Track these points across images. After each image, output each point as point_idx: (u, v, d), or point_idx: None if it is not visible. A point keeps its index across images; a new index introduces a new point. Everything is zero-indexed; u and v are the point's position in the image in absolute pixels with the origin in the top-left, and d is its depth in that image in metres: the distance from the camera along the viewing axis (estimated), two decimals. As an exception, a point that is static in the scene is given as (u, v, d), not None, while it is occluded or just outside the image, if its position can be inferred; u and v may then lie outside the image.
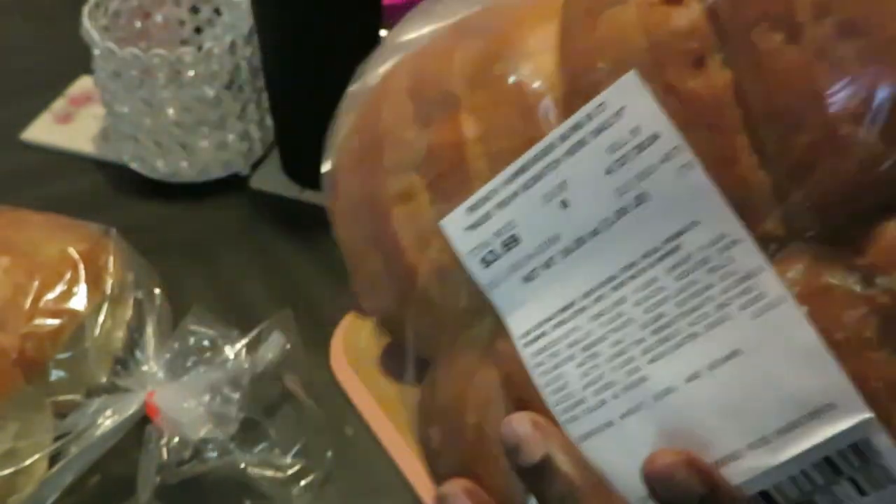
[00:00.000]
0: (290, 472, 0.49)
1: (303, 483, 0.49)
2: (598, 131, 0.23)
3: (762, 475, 0.22)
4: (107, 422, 0.47)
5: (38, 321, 0.48)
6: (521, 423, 0.24)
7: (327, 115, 0.70)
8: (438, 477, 0.28)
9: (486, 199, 0.25)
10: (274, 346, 0.51)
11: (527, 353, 0.24)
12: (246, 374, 0.50)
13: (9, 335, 0.47)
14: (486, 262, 0.25)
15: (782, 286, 0.21)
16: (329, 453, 0.50)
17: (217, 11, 0.69)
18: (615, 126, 0.22)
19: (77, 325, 0.49)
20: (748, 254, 0.21)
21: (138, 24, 0.68)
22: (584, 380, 0.23)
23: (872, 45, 0.20)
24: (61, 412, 0.48)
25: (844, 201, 0.21)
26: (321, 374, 0.55)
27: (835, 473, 0.21)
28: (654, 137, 0.22)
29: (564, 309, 0.24)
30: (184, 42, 0.70)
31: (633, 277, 0.23)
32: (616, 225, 0.23)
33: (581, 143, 0.23)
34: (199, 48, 0.60)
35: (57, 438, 0.47)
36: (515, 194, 0.24)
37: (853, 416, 0.20)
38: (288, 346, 0.51)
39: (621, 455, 0.23)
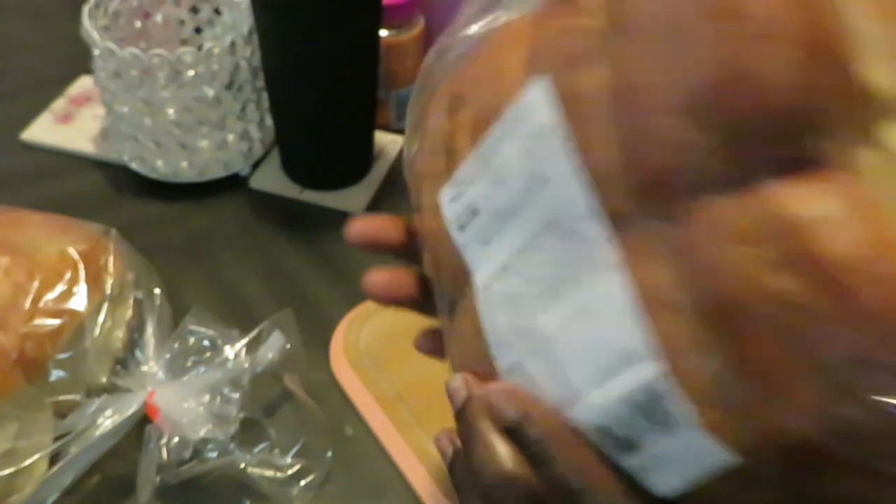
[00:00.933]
0: (290, 472, 0.49)
1: (303, 483, 0.49)
2: (517, 122, 0.27)
3: (599, 413, 0.26)
4: (107, 422, 0.47)
5: (38, 321, 0.48)
6: (453, 379, 0.30)
7: (327, 115, 0.70)
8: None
9: (458, 178, 0.30)
10: (274, 346, 0.51)
11: (479, 304, 0.30)
12: (246, 374, 0.50)
13: (9, 335, 0.47)
14: (461, 228, 0.30)
15: (614, 253, 0.25)
16: (329, 453, 0.50)
17: (217, 11, 0.69)
18: (528, 120, 0.27)
19: (77, 325, 0.49)
20: (595, 224, 0.25)
21: (138, 24, 0.68)
22: (507, 326, 0.29)
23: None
24: (61, 412, 0.48)
25: (661, 185, 0.24)
26: (321, 374, 0.55)
27: (644, 418, 0.25)
28: (553, 127, 0.26)
29: (503, 268, 0.29)
30: (184, 42, 0.70)
31: (537, 243, 0.27)
32: (528, 200, 0.27)
33: (509, 135, 0.28)
34: (199, 48, 0.60)
35: (57, 438, 0.47)
36: (476, 177, 0.29)
37: (653, 367, 0.24)
38: (288, 346, 0.51)
39: (532, 389, 0.28)
